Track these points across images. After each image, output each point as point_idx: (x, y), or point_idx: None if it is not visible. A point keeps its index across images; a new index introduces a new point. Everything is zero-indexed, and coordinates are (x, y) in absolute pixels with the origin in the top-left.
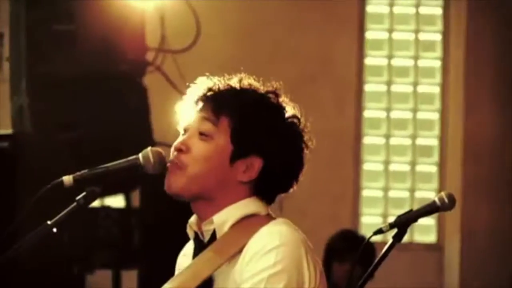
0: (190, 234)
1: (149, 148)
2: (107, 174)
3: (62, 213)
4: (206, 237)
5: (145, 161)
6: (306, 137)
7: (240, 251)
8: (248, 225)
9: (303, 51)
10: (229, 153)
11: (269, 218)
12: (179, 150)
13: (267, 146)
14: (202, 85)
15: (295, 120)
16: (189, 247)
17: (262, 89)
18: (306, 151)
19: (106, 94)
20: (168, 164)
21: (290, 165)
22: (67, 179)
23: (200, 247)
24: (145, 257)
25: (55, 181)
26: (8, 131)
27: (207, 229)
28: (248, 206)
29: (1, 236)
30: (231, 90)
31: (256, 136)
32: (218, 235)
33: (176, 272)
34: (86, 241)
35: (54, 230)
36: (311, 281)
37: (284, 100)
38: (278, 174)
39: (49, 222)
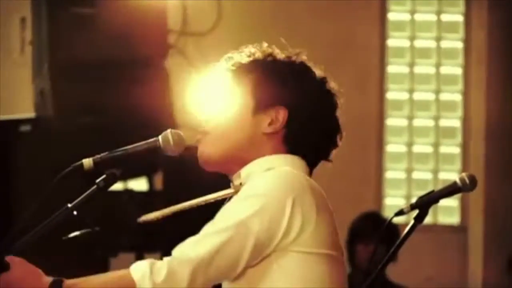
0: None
1: (168, 130)
2: (127, 156)
3: (82, 196)
4: None
5: (164, 143)
6: (335, 97)
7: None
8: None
9: (325, 33)
10: (251, 107)
11: None
12: (204, 118)
13: (289, 97)
14: (225, 57)
15: (322, 79)
16: None
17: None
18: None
19: (128, 77)
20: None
21: (318, 119)
22: (87, 162)
23: None
24: (168, 240)
25: (75, 164)
26: (31, 114)
27: (237, 184)
28: (276, 160)
29: (21, 220)
30: (252, 55)
31: (276, 88)
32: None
33: None
34: (109, 224)
35: (75, 213)
36: (292, 222)
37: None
38: (306, 125)
39: (69, 205)
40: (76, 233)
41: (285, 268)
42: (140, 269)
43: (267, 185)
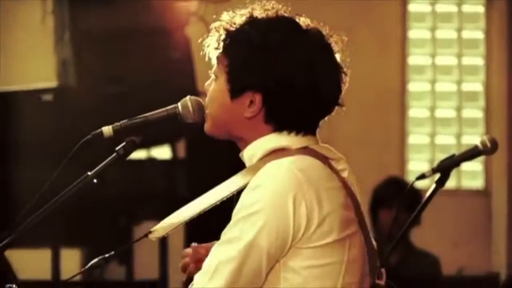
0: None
1: (188, 97)
2: (147, 123)
3: (102, 164)
4: None
5: (184, 110)
6: (333, 52)
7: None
8: (270, 159)
9: None
10: (228, 92)
11: (298, 152)
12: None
13: (261, 80)
14: (220, 22)
15: (313, 35)
16: None
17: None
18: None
19: (150, 46)
20: None
21: (297, 88)
22: (107, 129)
23: None
24: None
25: (94, 131)
26: (53, 83)
27: (244, 162)
28: (272, 140)
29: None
30: (235, 27)
31: (248, 72)
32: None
33: None
34: (132, 193)
35: (95, 181)
36: (299, 222)
37: (304, 20)
38: (284, 101)
39: (89, 173)
40: (93, 261)
41: (293, 267)
42: None
43: (266, 193)
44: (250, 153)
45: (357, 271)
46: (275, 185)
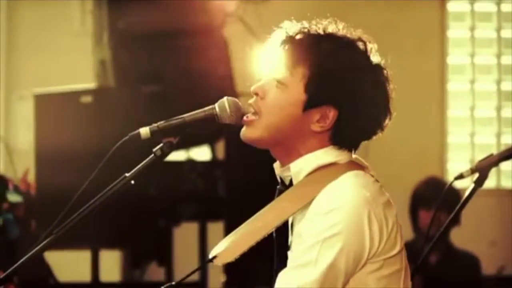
0: (278, 177)
1: (225, 98)
2: (184, 125)
3: (140, 165)
4: (287, 182)
5: (221, 111)
6: (390, 85)
7: (311, 202)
8: (323, 175)
9: None
10: (302, 102)
11: (347, 167)
12: (256, 94)
13: (341, 96)
14: (284, 29)
15: (379, 68)
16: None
17: (347, 36)
18: (390, 99)
19: (188, 46)
20: (246, 116)
21: (369, 115)
22: (144, 130)
23: (280, 191)
24: (231, 208)
25: (132, 133)
26: (92, 85)
27: (286, 175)
28: (325, 155)
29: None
30: (311, 37)
31: (330, 86)
32: (294, 183)
33: None
34: (172, 194)
35: (132, 182)
36: (373, 241)
37: (371, 47)
38: (355, 123)
39: (127, 174)
40: None
41: (363, 280)
42: None
43: (342, 216)
44: (300, 167)
45: (408, 275)
46: (349, 207)
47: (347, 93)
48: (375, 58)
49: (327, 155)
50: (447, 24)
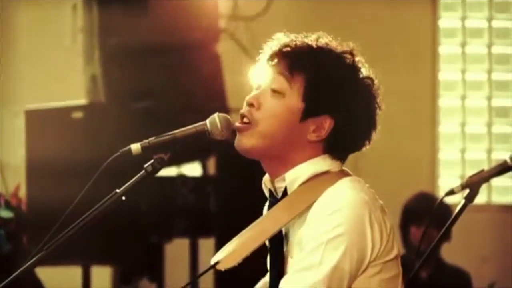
0: (266, 191)
1: (216, 114)
2: (175, 141)
3: (131, 181)
4: (279, 194)
5: (212, 127)
6: (379, 99)
7: (308, 208)
8: (318, 183)
9: (377, 14)
10: (299, 111)
11: (340, 174)
12: (250, 104)
13: (338, 107)
14: (278, 41)
15: (369, 81)
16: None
17: (338, 48)
18: (378, 112)
19: (179, 62)
20: (238, 122)
21: (361, 126)
22: (135, 146)
23: (273, 204)
24: (222, 224)
25: (123, 149)
26: (82, 101)
27: (279, 186)
28: (319, 164)
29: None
30: (306, 48)
31: (327, 96)
32: (289, 192)
33: None
34: (163, 209)
35: (123, 198)
36: (375, 242)
37: (360, 60)
38: (349, 134)
39: (118, 190)
40: None
41: (364, 282)
42: None
43: (345, 217)
44: (295, 176)
45: (402, 282)
46: (351, 208)
47: (344, 103)
48: (366, 71)
49: (322, 163)
50: (439, 40)
